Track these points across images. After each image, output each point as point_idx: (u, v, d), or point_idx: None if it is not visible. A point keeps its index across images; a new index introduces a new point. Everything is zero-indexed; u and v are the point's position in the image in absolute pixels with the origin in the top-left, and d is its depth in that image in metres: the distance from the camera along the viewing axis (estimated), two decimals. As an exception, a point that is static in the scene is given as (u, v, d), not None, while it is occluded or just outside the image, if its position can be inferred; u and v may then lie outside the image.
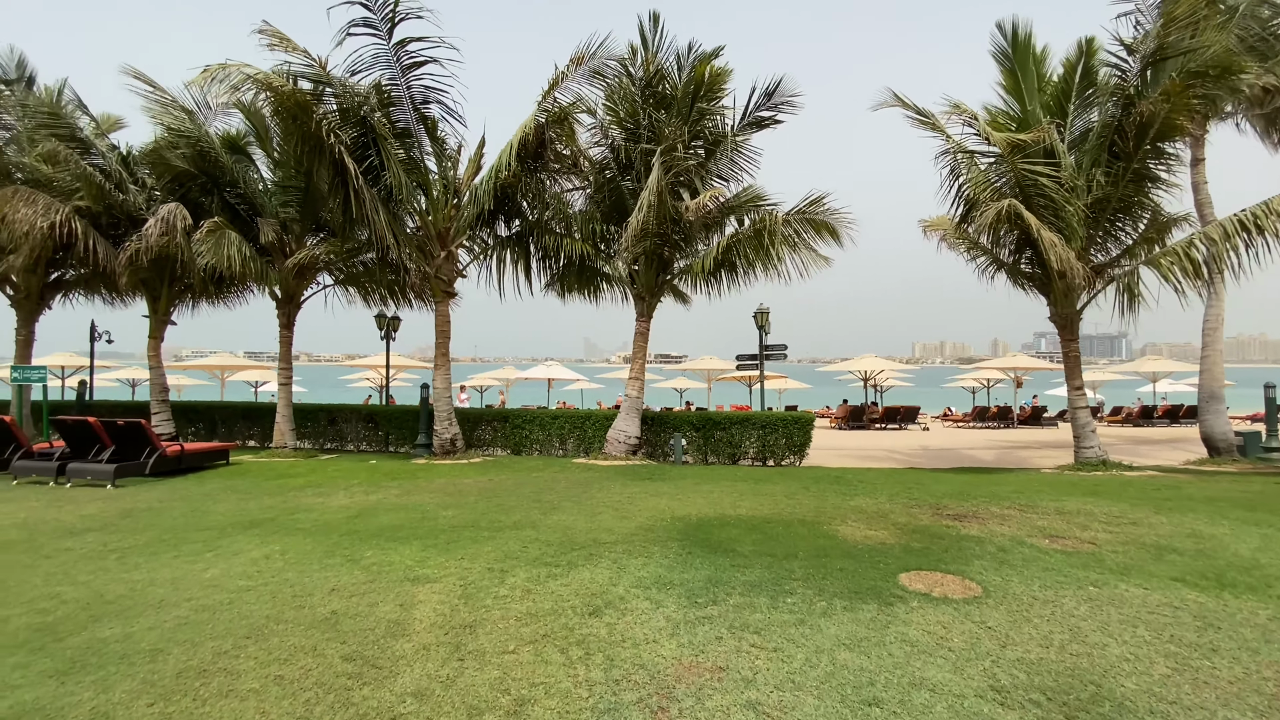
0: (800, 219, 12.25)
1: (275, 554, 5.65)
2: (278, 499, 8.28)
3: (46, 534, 6.39)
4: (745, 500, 8.18)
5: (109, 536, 6.29)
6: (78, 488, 9.16)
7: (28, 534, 6.37)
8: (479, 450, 13.69)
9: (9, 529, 6.59)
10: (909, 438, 21.20)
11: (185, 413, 15.95)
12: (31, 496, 8.41)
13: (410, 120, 11.79)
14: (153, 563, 5.40)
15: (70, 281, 14.82)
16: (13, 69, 13.10)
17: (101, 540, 6.13)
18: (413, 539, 6.17)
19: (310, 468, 11.31)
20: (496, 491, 8.77)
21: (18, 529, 6.60)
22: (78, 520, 7.04)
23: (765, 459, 12.61)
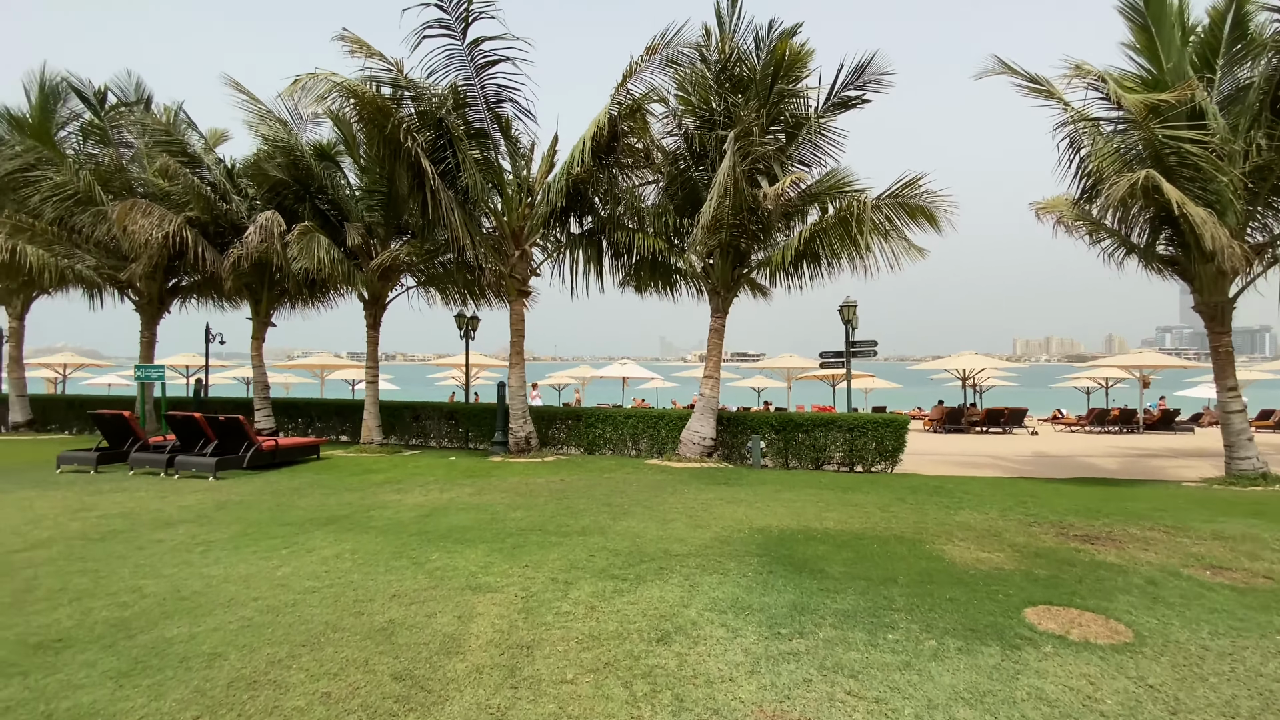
0: (892, 204, 11.26)
1: (345, 553, 5.61)
2: (358, 495, 8.42)
3: (146, 524, 6.71)
4: (832, 511, 7.48)
5: (199, 529, 6.52)
6: (184, 479, 9.76)
7: (130, 524, 6.73)
8: (553, 449, 13.61)
9: (115, 518, 7.00)
10: (1015, 443, 19.34)
11: (286, 409, 16.91)
12: (142, 487, 9.02)
13: (485, 120, 11.83)
14: (232, 557, 5.48)
15: (186, 287, 16.09)
16: (132, 92, 14.34)
17: (191, 533, 6.35)
18: (479, 542, 5.98)
19: (393, 463, 11.58)
20: (567, 493, 8.53)
21: (123, 519, 7.00)
22: (176, 511, 7.40)
23: (852, 465, 11.72)
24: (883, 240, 11.52)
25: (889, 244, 11.64)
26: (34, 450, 12.89)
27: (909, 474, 11.21)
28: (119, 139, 14.87)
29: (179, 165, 13.10)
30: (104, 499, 8.07)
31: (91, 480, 9.49)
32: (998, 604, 4.38)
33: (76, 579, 4.87)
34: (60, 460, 10.42)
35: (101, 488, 8.89)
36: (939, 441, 19.73)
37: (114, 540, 6.06)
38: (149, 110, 14.50)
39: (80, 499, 8.06)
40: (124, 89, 14.36)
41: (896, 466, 11.65)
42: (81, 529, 6.46)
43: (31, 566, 5.17)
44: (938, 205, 11.23)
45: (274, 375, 35.18)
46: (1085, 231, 12.08)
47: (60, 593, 4.55)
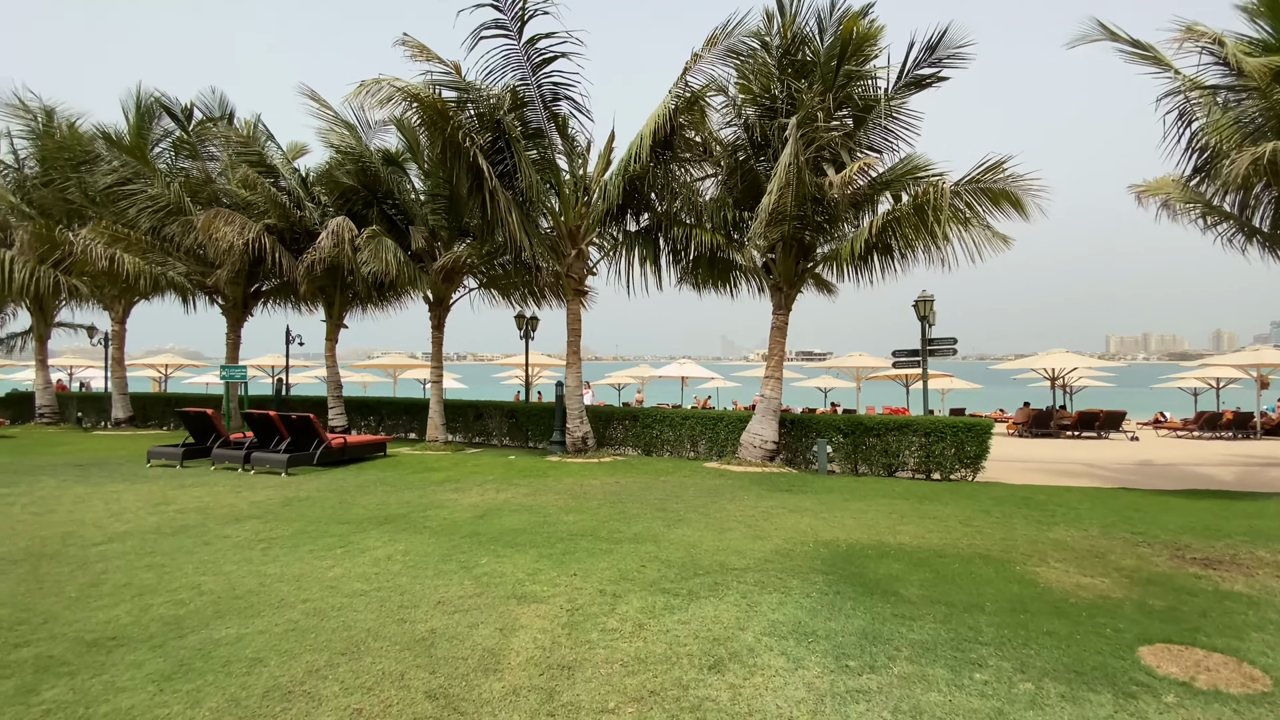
0: (973, 189, 10.41)
1: (397, 555, 5.57)
2: (417, 494, 8.49)
3: (216, 519, 6.95)
4: (907, 524, 6.89)
5: (264, 525, 6.69)
6: (259, 474, 10.18)
7: (202, 519, 6.99)
8: (610, 449, 13.45)
9: (190, 513, 7.30)
10: (1113, 449, 17.66)
11: (359, 407, 17.55)
12: (220, 481, 9.45)
13: (541, 120, 11.78)
14: (290, 555, 5.54)
15: (267, 291, 16.98)
16: (216, 107, 15.22)
17: (256, 529, 6.51)
18: (529, 546, 5.81)
19: (454, 462, 11.72)
20: (621, 496, 8.29)
21: (197, 513, 7.29)
22: (246, 507, 7.66)
23: (929, 472, 10.92)
24: (962, 229, 10.69)
25: (969, 233, 10.79)
26: (131, 444, 13.88)
27: (993, 483, 10.33)
28: (205, 152, 15.86)
29: (257, 175, 13.79)
30: (183, 493, 8.48)
31: (176, 474, 10.05)
32: (1106, 641, 3.79)
33: (143, 574, 5.02)
34: (150, 455, 11.12)
35: (184, 482, 9.38)
36: (1025, 447, 18.28)
37: (184, 535, 6.28)
38: (231, 124, 15.37)
39: (163, 493, 8.50)
40: (209, 105, 15.29)
41: (978, 474, 10.77)
42: (157, 523, 6.76)
43: (105, 560, 5.39)
44: (1025, 190, 10.29)
45: (353, 375, 37.07)
46: (1197, 215, 10.80)
47: (125, 588, 4.68)
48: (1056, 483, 10.53)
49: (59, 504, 7.73)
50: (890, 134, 11.57)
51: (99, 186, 14.72)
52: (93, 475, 9.89)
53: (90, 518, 6.99)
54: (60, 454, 12.61)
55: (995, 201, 10.48)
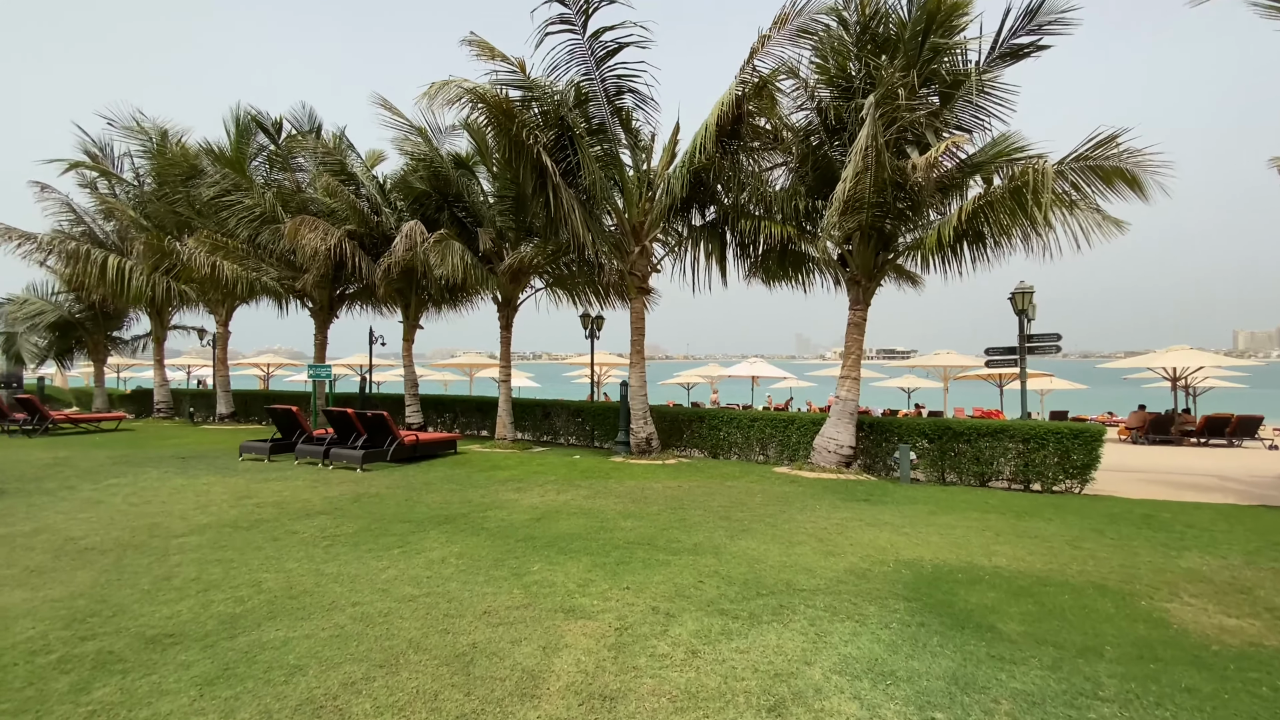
0: (1080, 168, 9.30)
1: (451, 558, 5.47)
2: (479, 492, 8.49)
3: (290, 514, 7.17)
4: (1004, 543, 6.14)
5: (331, 522, 6.82)
6: (337, 469, 10.57)
7: (277, 514, 7.23)
8: (675, 451, 13.11)
9: (268, 506, 7.59)
10: (1248, 459, 15.50)
11: (435, 405, 18.09)
12: (301, 476, 9.86)
13: (605, 115, 11.58)
14: (349, 554, 5.57)
15: (351, 295, 17.81)
16: (305, 121, 16.09)
17: (323, 526, 6.64)
18: (584, 553, 5.58)
19: (519, 461, 11.76)
20: (684, 501, 7.93)
21: (274, 507, 7.57)
22: (320, 502, 7.89)
23: (1028, 482, 9.88)
24: (1066, 213, 9.59)
25: (1075, 217, 9.67)
26: (230, 439, 14.89)
27: (1104, 496, 9.20)
28: (295, 164, 16.81)
29: (339, 184, 14.42)
30: (265, 487, 8.88)
31: (263, 468, 10.60)
32: (1262, 703, 3.08)
33: (212, 568, 5.16)
34: (241, 449, 11.81)
35: (268, 476, 9.85)
36: (1141, 455, 16.38)
37: (257, 529, 6.48)
38: (319, 137, 16.19)
39: (247, 486, 8.94)
40: (299, 119, 16.20)
41: (1087, 486, 9.64)
42: (236, 517, 7.04)
43: (182, 553, 5.61)
44: (1144, 166, 9.08)
45: (433, 374, 38.75)
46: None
47: (193, 582, 4.81)
48: (1182, 498, 9.24)
49: (156, 495, 8.27)
50: (981, 111, 10.55)
51: (203, 199, 15.90)
52: (191, 468, 10.59)
53: (179, 509, 7.40)
54: (168, 447, 13.68)
55: (1107, 181, 9.32)
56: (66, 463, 11.04)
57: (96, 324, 22.74)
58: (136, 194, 18.95)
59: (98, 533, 6.28)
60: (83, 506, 7.53)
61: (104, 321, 22.91)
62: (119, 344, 24.27)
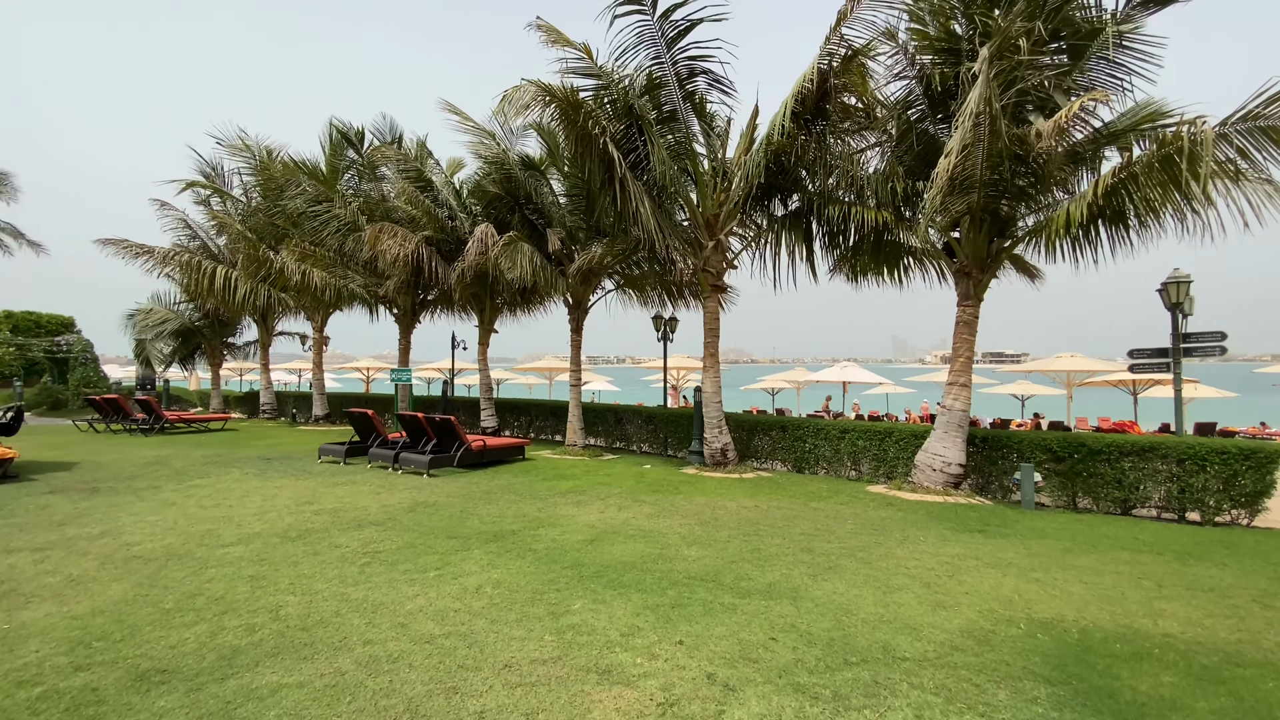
0: (1248, 129, 7.48)
1: (488, 585, 4.88)
2: (536, 505, 7.95)
3: (341, 524, 6.91)
4: (1170, 599, 4.75)
5: (379, 534, 6.47)
6: (406, 474, 10.45)
7: (330, 522, 6.99)
8: (754, 463, 12.07)
9: (325, 514, 7.39)
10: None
11: (510, 408, 18.01)
12: (368, 480, 9.76)
13: (676, 100, 10.81)
14: (383, 576, 5.11)
15: (432, 300, 18.08)
16: (387, 132, 16.47)
17: (369, 539, 6.29)
18: (635, 589, 4.81)
19: (586, 469, 11.19)
20: (759, 526, 6.98)
21: (330, 514, 7.36)
22: (376, 510, 7.62)
23: (1182, 511, 8.10)
24: (1231, 185, 7.77)
25: (1240, 190, 7.83)
26: (320, 439, 15.40)
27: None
28: (381, 174, 17.28)
29: (416, 191, 14.55)
30: (331, 491, 8.79)
31: (336, 471, 10.65)
32: None
33: (241, 586, 4.85)
34: (320, 451, 12.02)
35: (338, 479, 9.83)
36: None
37: (303, 540, 6.22)
38: (400, 146, 16.53)
39: (314, 490, 8.89)
40: (380, 130, 16.62)
41: (1258, 517, 7.75)
42: (288, 525, 6.86)
43: (221, 565, 5.37)
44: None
45: (519, 377, 39.53)
46: None
47: (216, 603, 4.49)
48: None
49: (227, 498, 8.34)
50: (1119, 70, 8.83)
51: (295, 211, 16.65)
52: (271, 469, 10.82)
53: (240, 514, 7.34)
54: (261, 447, 14.29)
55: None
56: (164, 461, 11.64)
57: (213, 331, 24.70)
58: (244, 209, 20.29)
59: (154, 539, 6.23)
60: (157, 508, 7.66)
61: (219, 329, 24.85)
62: (234, 349, 26.27)
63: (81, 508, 7.62)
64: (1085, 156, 8.99)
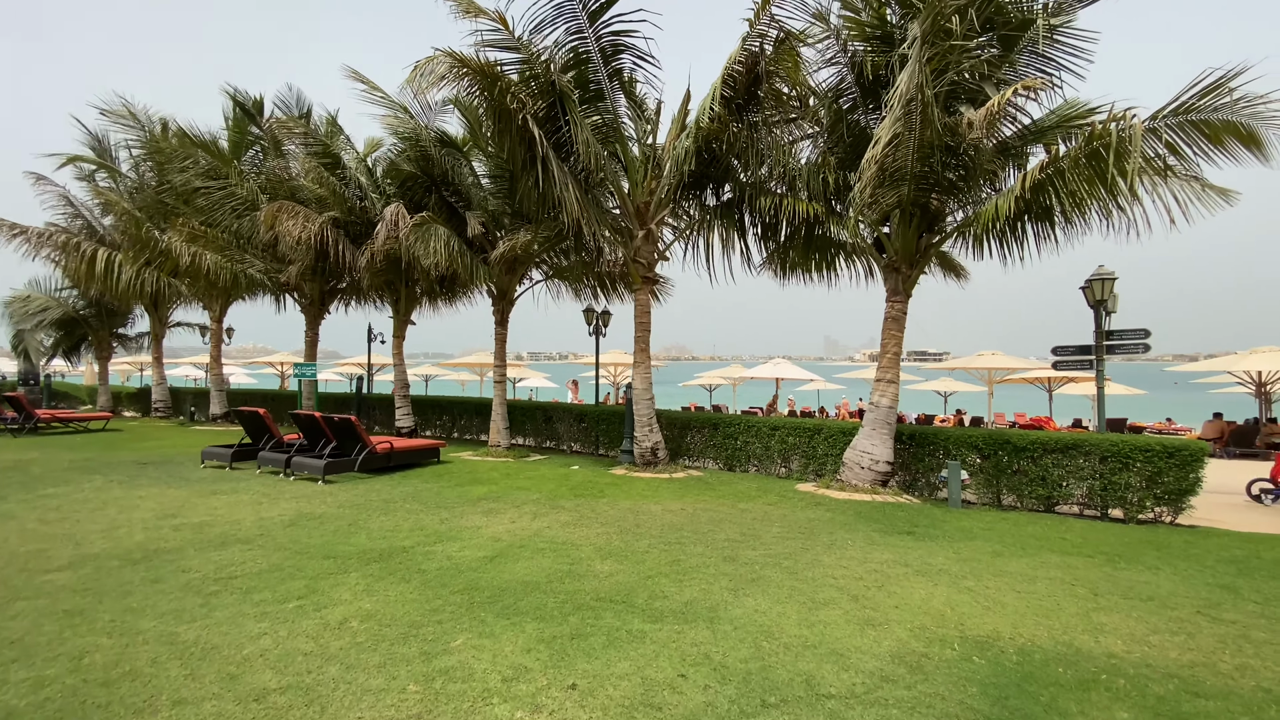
0: (1179, 124, 7.55)
1: (355, 619, 4.11)
2: (440, 516, 7.15)
3: (201, 544, 5.91)
4: (1109, 610, 4.51)
5: (242, 555, 5.53)
6: (299, 480, 9.37)
7: (189, 541, 5.98)
8: (686, 461, 11.62)
9: (186, 529, 6.35)
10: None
11: (432, 406, 16.87)
12: (252, 488, 8.66)
13: (602, 79, 10.16)
14: (228, 610, 4.25)
15: (343, 289, 16.72)
16: (295, 105, 14.99)
17: (228, 561, 5.35)
18: (532, 616, 4.16)
19: (506, 472, 10.42)
20: (683, 532, 6.45)
21: (192, 530, 6.33)
22: (250, 525, 6.63)
23: (1105, 509, 8.15)
24: (1160, 181, 7.86)
25: (1168, 188, 7.94)
26: (210, 441, 13.88)
27: (1205, 528, 7.46)
28: (289, 152, 15.75)
29: (323, 169, 13.28)
30: (203, 503, 7.68)
31: (218, 478, 9.44)
32: None
33: (48, 624, 3.90)
34: (204, 455, 10.71)
35: (218, 487, 8.67)
36: (1221, 471, 14.29)
37: (146, 564, 5.22)
38: (309, 121, 15.09)
39: (184, 501, 7.75)
40: (286, 102, 15.12)
41: (1181, 515, 7.88)
42: (136, 544, 5.80)
43: (36, 597, 4.37)
44: (1264, 120, 7.30)
45: (449, 373, 37.82)
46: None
47: (9, 647, 3.57)
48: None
49: (77, 511, 7.13)
50: (1049, 64, 8.83)
51: (188, 188, 14.93)
52: (143, 476, 9.50)
53: (82, 531, 6.21)
54: (141, 450, 12.71)
55: (1215, 139, 7.54)
56: (23, 467, 10.11)
57: (101, 321, 22.20)
58: (133, 186, 18.20)
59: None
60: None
61: (108, 318, 22.36)
62: (125, 341, 23.75)
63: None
64: (1014, 151, 8.97)
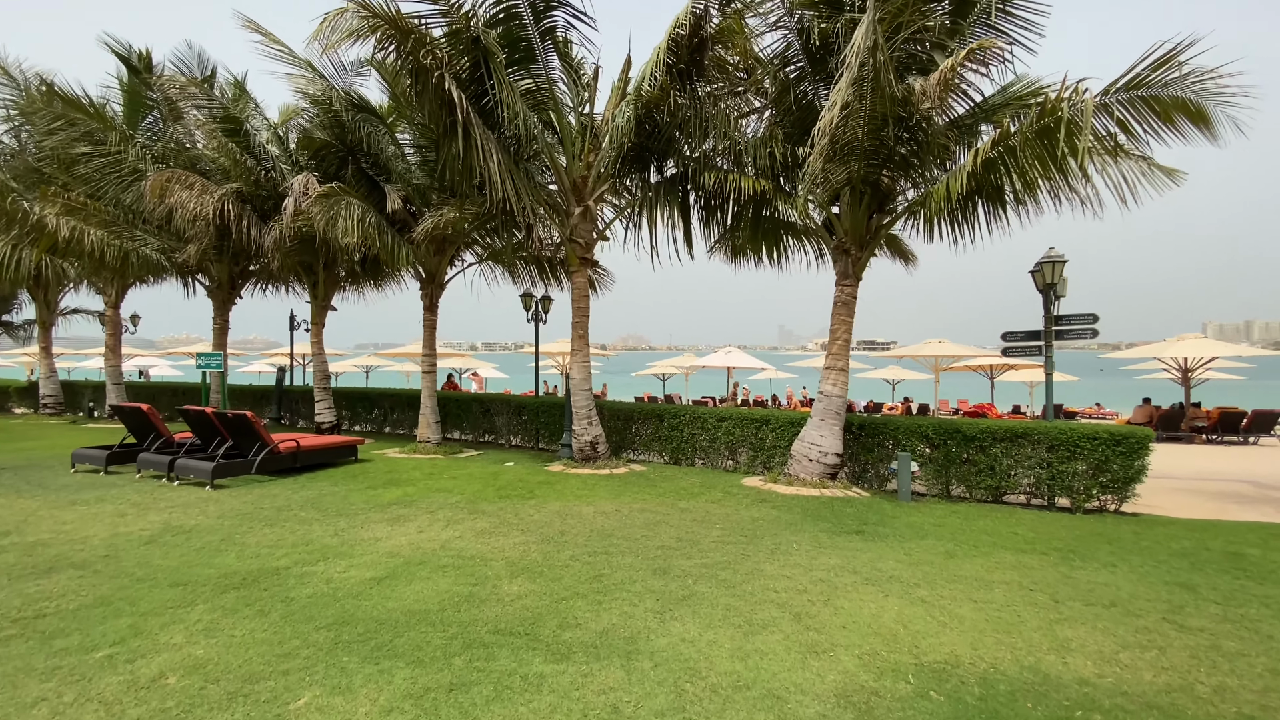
0: (1130, 99, 7.24)
1: (176, 673, 3.24)
2: (336, 526, 6.23)
3: (19, 571, 4.85)
4: (1072, 621, 4.04)
5: (64, 584, 4.52)
6: (185, 486, 8.23)
7: (7, 565, 4.90)
8: (630, 455, 10.95)
9: (9, 553, 5.25)
10: (1266, 459, 13.79)
11: (361, 399, 15.69)
12: (123, 497, 7.49)
13: (533, 37, 9.22)
14: (15, 662, 3.31)
15: (255, 272, 15.25)
16: (195, 66, 13.37)
17: (39, 594, 4.34)
18: (409, 659, 3.37)
19: (430, 471, 9.50)
20: (613, 539, 5.75)
21: (16, 554, 5.24)
22: (100, 542, 5.58)
23: (1052, 498, 7.90)
24: (1110, 160, 7.56)
25: (1118, 168, 7.66)
26: (97, 439, 12.37)
27: (1149, 516, 7.27)
28: (185, 115, 14.11)
29: (224, 135, 11.88)
30: (53, 515, 6.53)
31: (87, 485, 8.20)
32: None
33: None
34: (74, 458, 9.37)
35: (80, 497, 7.47)
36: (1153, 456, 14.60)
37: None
38: (212, 84, 13.51)
39: (31, 513, 6.58)
40: (186, 61, 13.48)
41: (1126, 503, 7.70)
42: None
43: None
44: (1213, 97, 7.06)
45: (391, 364, 35.96)
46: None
47: None
48: (1228, 513, 7.39)
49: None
50: (1001, 37, 8.42)
51: (66, 153, 13.16)
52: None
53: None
54: (7, 451, 11.16)
55: (1165, 116, 7.27)
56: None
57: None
58: (7, 151, 16.12)
59: None
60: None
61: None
62: (11, 329, 21.40)
63: None
64: (966, 128, 8.57)
